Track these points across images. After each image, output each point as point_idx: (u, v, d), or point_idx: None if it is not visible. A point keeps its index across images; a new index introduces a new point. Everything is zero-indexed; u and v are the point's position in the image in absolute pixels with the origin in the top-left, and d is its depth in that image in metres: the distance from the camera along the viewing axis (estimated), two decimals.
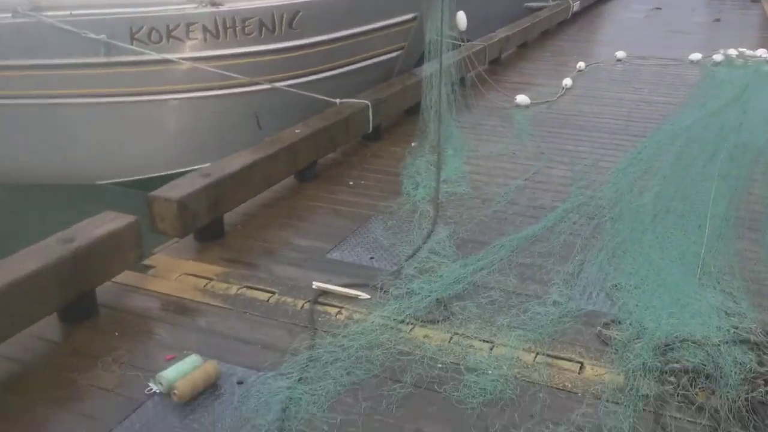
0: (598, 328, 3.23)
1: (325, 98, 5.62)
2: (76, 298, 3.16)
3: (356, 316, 3.32)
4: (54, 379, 2.81)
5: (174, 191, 3.84)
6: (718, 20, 13.61)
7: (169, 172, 5.21)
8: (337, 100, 5.66)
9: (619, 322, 3.26)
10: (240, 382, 2.79)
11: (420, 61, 6.71)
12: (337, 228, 4.31)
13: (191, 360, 2.81)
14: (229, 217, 4.27)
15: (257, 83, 5.69)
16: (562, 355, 3.05)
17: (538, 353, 3.06)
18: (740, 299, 3.44)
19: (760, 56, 9.22)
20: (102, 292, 3.38)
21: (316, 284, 3.55)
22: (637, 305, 3.39)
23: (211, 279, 3.63)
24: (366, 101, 5.73)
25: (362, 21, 6.58)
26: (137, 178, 5.82)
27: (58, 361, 2.94)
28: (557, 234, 4.23)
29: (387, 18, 6.87)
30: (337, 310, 3.38)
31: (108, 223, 3.41)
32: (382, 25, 6.88)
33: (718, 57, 9.28)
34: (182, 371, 2.73)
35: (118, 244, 3.37)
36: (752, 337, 3.02)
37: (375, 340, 3.11)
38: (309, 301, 3.43)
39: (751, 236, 4.20)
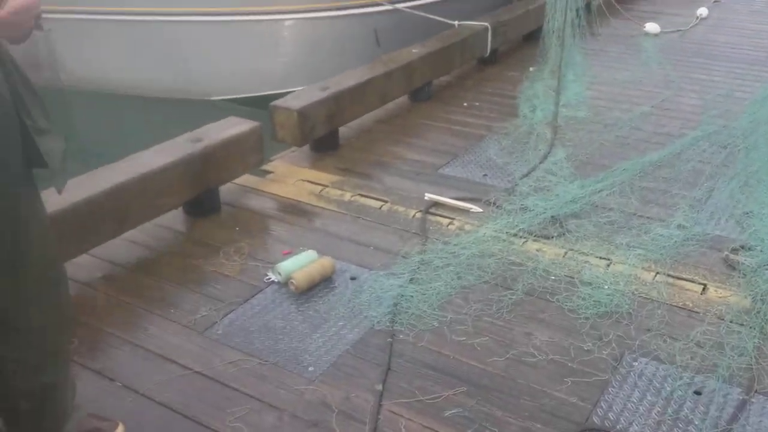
0: (726, 252, 3.05)
1: (445, 20, 5.49)
2: (201, 194, 3.32)
3: (468, 227, 3.30)
4: (181, 265, 2.99)
5: (294, 101, 3.91)
6: None
7: (283, 91, 5.33)
8: (456, 23, 5.53)
9: (749, 248, 3.06)
10: (353, 278, 2.86)
11: None
12: (451, 145, 4.26)
13: (308, 254, 2.90)
14: (343, 131, 4.32)
15: (378, 3, 5.63)
16: (684, 276, 2.91)
17: (658, 272, 2.93)
18: None
19: None
20: (224, 192, 3.53)
21: (428, 195, 3.54)
22: None
23: (325, 186, 3.70)
24: (486, 24, 5.55)
25: None
26: (252, 95, 6.00)
27: (184, 250, 3.12)
28: (685, 161, 4.00)
29: None
30: (448, 221, 3.37)
31: (233, 127, 3.53)
32: None
33: None
34: (299, 264, 2.82)
35: (241, 147, 3.49)
36: None
37: (487, 250, 3.08)
38: (421, 210, 3.44)
39: None
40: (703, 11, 7.43)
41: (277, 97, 4.04)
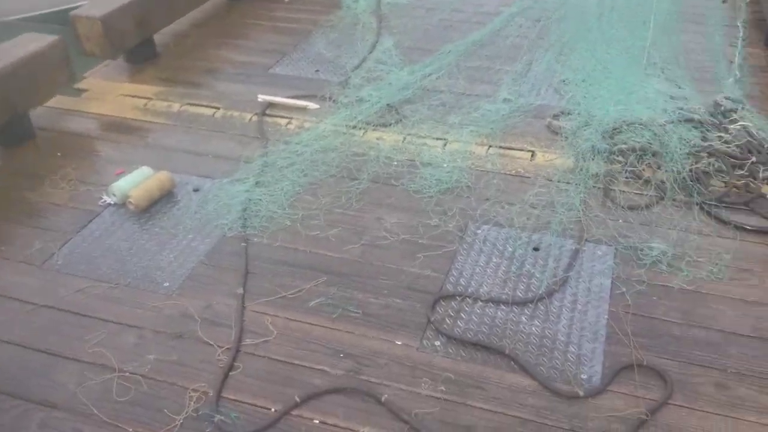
0: (548, 119, 3.26)
1: None
2: (9, 120, 2.99)
3: (307, 124, 3.26)
4: (4, 199, 2.72)
5: (95, 9, 3.55)
6: None
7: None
8: None
9: (568, 113, 3.29)
10: (196, 190, 2.75)
11: None
12: (278, 44, 4.12)
13: (142, 171, 2.74)
14: (159, 39, 4.01)
15: None
16: (513, 146, 3.09)
17: (490, 146, 3.09)
18: (683, 85, 3.49)
19: None
20: (37, 117, 3.20)
21: (261, 97, 3.43)
22: (585, 97, 3.42)
23: (149, 98, 3.47)
24: None
25: None
26: (52, 10, 5.38)
27: (4, 183, 2.83)
28: (504, 37, 4.16)
29: None
30: (287, 120, 3.31)
31: (31, 43, 3.16)
32: None
33: None
34: (134, 181, 2.66)
35: (44, 65, 3.15)
36: (696, 116, 3.11)
37: (329, 144, 3.08)
38: (257, 113, 3.34)
39: (693, 29, 4.20)
40: None
41: None
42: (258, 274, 2.35)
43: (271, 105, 3.41)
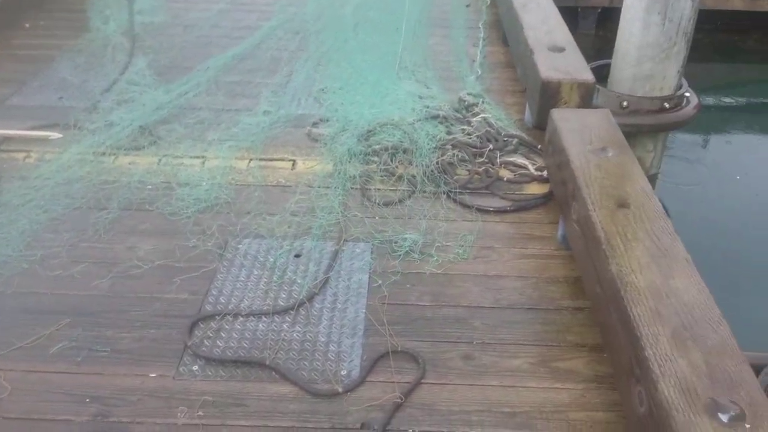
0: (308, 127, 3.29)
1: None
2: None
3: (48, 156, 3.00)
4: None
5: None
6: None
7: None
8: None
9: (327, 120, 3.35)
10: None
11: None
12: (16, 73, 3.77)
13: None
14: None
15: None
16: (275, 157, 3.07)
17: (251, 159, 3.05)
18: (432, 85, 3.71)
19: None
20: None
21: None
22: (342, 103, 3.50)
23: None
24: None
25: None
26: None
27: None
28: (264, 50, 4.16)
29: None
30: (24, 154, 3.02)
31: None
32: None
33: None
34: None
35: None
36: (441, 113, 3.30)
37: (73, 175, 2.86)
38: None
39: (441, 33, 4.49)
40: None
41: None
42: None
43: (5, 140, 3.10)
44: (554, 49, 3.19)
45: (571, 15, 6.11)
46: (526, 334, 2.14)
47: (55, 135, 3.13)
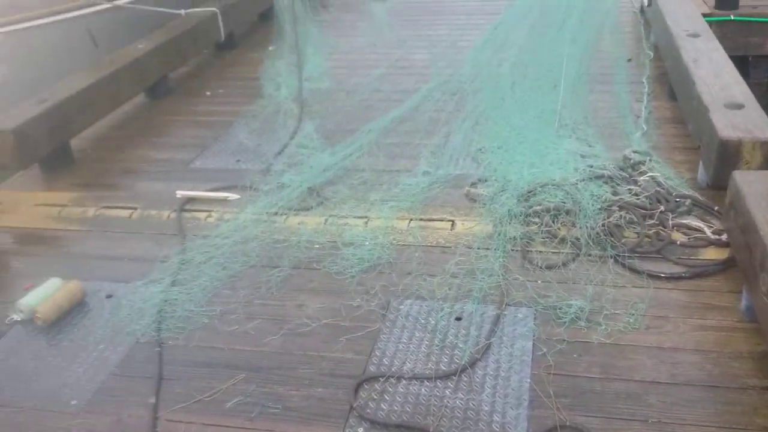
0: (466, 188, 3.30)
1: (169, 10, 5.27)
2: None
3: (227, 216, 3.23)
4: None
5: (8, 121, 3.52)
6: None
7: None
8: (183, 11, 5.33)
9: (486, 180, 3.35)
10: (109, 296, 2.67)
11: None
12: (199, 138, 4.13)
13: (51, 283, 2.65)
14: (77, 143, 3.99)
15: (93, 3, 5.24)
16: (434, 217, 3.11)
17: (411, 219, 3.10)
18: (594, 143, 3.60)
19: None
20: None
21: (180, 193, 3.41)
22: (501, 163, 3.49)
23: (64, 205, 3.41)
24: (213, 9, 5.43)
25: None
26: None
27: None
28: (422, 112, 4.26)
29: None
30: (206, 214, 3.28)
31: None
32: None
33: None
34: (42, 295, 2.57)
35: None
36: (606, 172, 3.19)
37: (249, 234, 3.05)
38: (175, 210, 3.30)
39: (601, 88, 4.38)
40: None
41: None
42: (173, 379, 2.25)
43: (190, 200, 3.39)
44: (732, 105, 3.00)
45: (741, 64, 5.74)
46: (708, 414, 1.97)
47: (233, 196, 3.38)
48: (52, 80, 4.19)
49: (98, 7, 5.34)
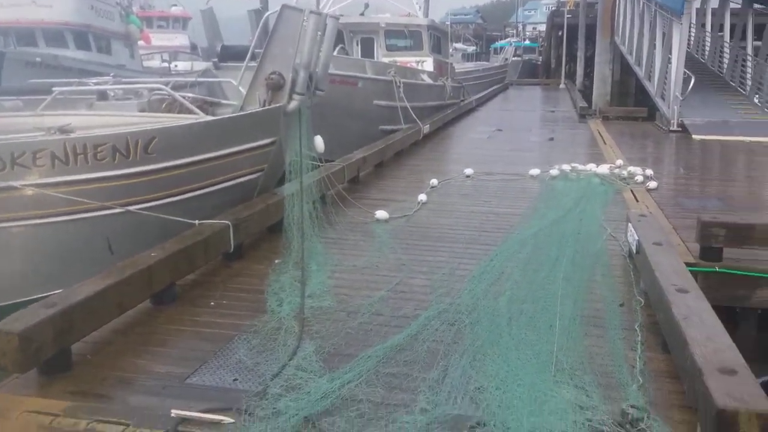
0: None
1: (183, 219, 5.55)
2: None
3: None
4: None
5: (15, 323, 3.56)
6: (552, 139, 15.09)
7: (16, 301, 4.87)
8: (196, 222, 5.61)
9: (484, 425, 3.33)
10: None
11: (282, 181, 6.88)
12: (198, 351, 4.15)
13: None
14: (78, 347, 4.00)
15: (109, 207, 5.53)
16: None
17: None
18: (591, 392, 3.63)
19: (590, 170, 10.25)
20: None
21: (174, 412, 3.36)
22: (499, 406, 3.49)
23: (57, 415, 3.34)
24: (226, 221, 5.71)
25: (221, 145, 6.68)
26: None
27: None
28: (421, 341, 4.33)
29: (246, 142, 7.02)
30: None
31: None
32: (242, 149, 7.02)
33: (554, 171, 10.20)
34: None
35: None
36: (605, 429, 3.20)
37: None
38: (167, 430, 3.23)
39: (596, 332, 4.50)
40: (422, 197, 8.47)
41: (13, 309, 3.67)
42: None
43: (183, 420, 3.33)
44: (725, 371, 3.09)
45: (728, 315, 5.95)
46: None
47: (228, 420, 3.33)
48: (66, 280, 4.31)
49: (113, 211, 5.63)
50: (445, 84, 19.53)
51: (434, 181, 9.42)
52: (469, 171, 10.29)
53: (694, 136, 14.75)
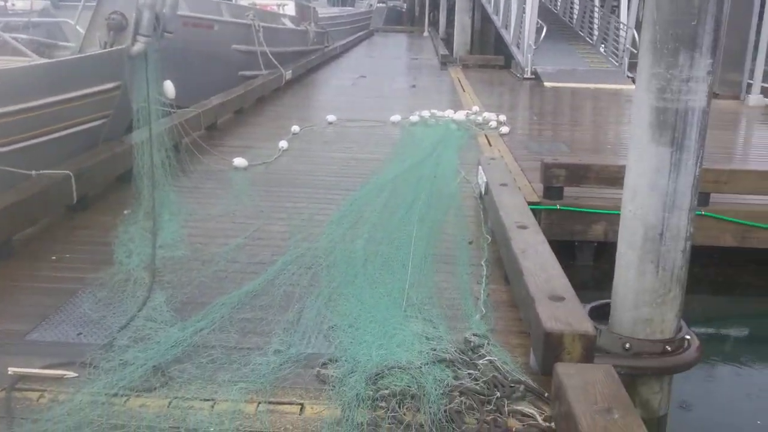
0: (317, 368, 3.35)
1: (18, 170, 5.14)
2: None
3: (61, 397, 3.04)
4: None
5: None
6: (414, 86, 15.33)
7: None
8: (33, 172, 5.22)
9: (336, 360, 3.42)
10: None
11: (130, 129, 6.52)
12: (39, 306, 3.93)
13: None
14: None
15: None
16: (283, 400, 3.10)
17: (260, 402, 3.07)
18: (438, 324, 3.82)
19: (448, 116, 10.55)
20: None
21: (12, 369, 3.18)
22: (351, 342, 3.59)
23: None
24: (67, 171, 5.36)
25: (57, 90, 6.19)
26: None
27: None
28: (277, 286, 4.34)
29: (86, 87, 6.55)
30: (39, 394, 3.06)
31: None
32: (81, 94, 6.53)
33: (414, 118, 10.40)
34: None
35: None
36: (448, 356, 3.38)
37: (84, 418, 2.87)
38: (5, 389, 3.06)
39: (446, 269, 4.71)
40: (283, 144, 8.38)
41: None
42: None
43: (22, 377, 3.16)
44: (554, 297, 3.35)
45: (568, 248, 6.45)
46: None
47: (70, 374, 3.19)
48: None
49: None
50: (307, 29, 19.20)
51: (296, 128, 9.33)
52: (331, 118, 10.27)
53: (545, 83, 15.52)
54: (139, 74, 6.00)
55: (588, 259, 6.66)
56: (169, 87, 6.53)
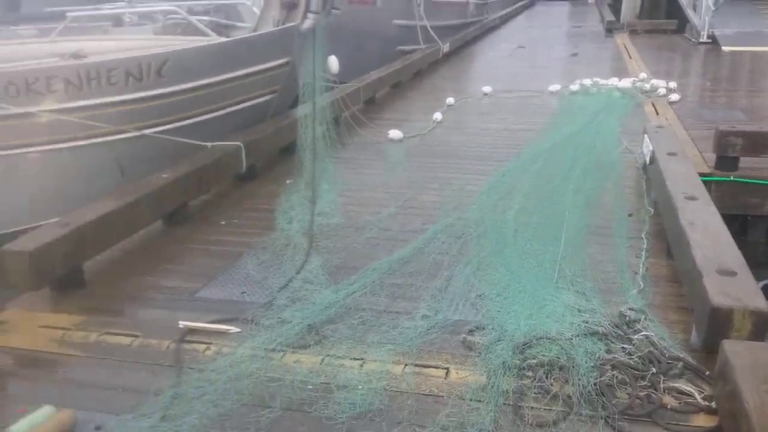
0: (463, 335, 3.34)
1: (195, 142, 5.58)
2: None
3: (225, 350, 3.28)
4: None
5: (29, 242, 3.68)
6: (575, 54, 14.66)
7: (31, 226, 4.99)
8: (208, 144, 5.64)
9: (483, 328, 3.39)
10: (98, 428, 2.68)
11: (295, 103, 6.84)
12: (208, 267, 4.25)
13: (44, 411, 2.67)
14: (90, 266, 4.12)
15: (122, 131, 5.58)
16: (429, 363, 3.13)
17: (406, 364, 3.13)
18: (591, 297, 3.65)
19: (611, 84, 9.98)
20: None
21: (182, 323, 3.48)
22: (499, 311, 3.54)
23: (68, 329, 3.47)
24: (238, 143, 5.74)
25: (233, 67, 6.63)
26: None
27: None
28: (426, 254, 4.37)
29: (259, 63, 6.95)
30: (205, 346, 3.33)
31: None
32: (254, 71, 6.95)
33: (574, 87, 9.97)
34: (33, 423, 2.58)
35: None
36: (601, 329, 3.23)
37: (244, 370, 3.08)
38: (175, 340, 3.36)
39: (601, 241, 4.48)
40: (438, 116, 8.37)
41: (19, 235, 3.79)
42: None
43: (191, 331, 3.45)
44: (724, 272, 3.08)
45: (740, 223, 5.89)
46: None
47: (234, 329, 3.44)
48: (79, 202, 4.40)
49: (127, 135, 5.68)
50: (467, 1, 18.95)
51: (450, 100, 9.28)
52: (487, 89, 10.11)
53: (724, 48, 14.19)
54: (307, 50, 6.26)
55: (761, 235, 6.05)
56: (333, 62, 6.75)
